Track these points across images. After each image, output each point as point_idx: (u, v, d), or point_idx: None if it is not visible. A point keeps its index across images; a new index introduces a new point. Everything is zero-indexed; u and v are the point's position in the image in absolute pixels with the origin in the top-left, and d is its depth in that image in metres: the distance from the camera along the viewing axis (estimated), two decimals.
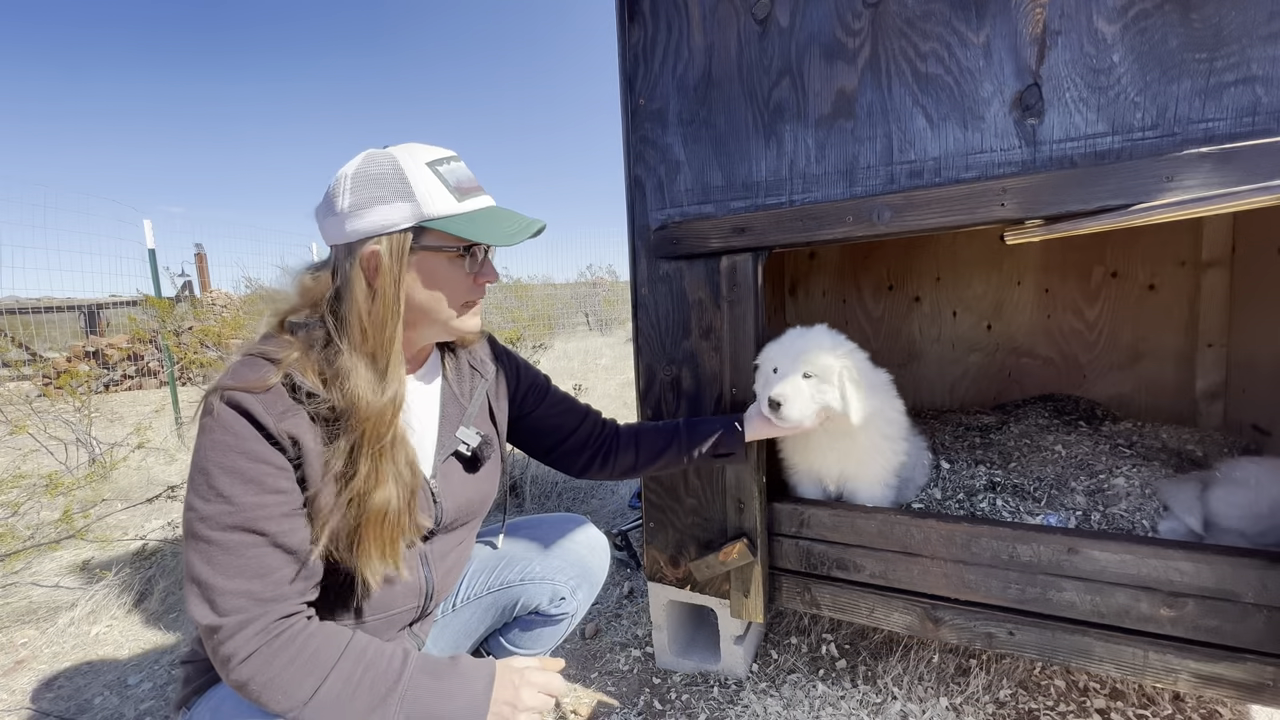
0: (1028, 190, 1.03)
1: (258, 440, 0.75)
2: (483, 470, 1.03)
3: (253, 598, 0.72)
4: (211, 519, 0.72)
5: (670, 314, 1.41)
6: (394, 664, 0.77)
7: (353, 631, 0.79)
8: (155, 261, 5.19)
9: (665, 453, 1.20)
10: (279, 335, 0.83)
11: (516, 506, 2.73)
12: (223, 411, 0.75)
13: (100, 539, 2.38)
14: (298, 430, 0.78)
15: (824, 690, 1.45)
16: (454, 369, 1.05)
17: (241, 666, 0.70)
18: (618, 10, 1.38)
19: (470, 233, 0.84)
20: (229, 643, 0.70)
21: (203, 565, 0.71)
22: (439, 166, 0.86)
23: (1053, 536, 1.11)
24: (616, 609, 1.90)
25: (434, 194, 0.84)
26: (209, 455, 0.74)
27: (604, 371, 6.61)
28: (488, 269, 0.92)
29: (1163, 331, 2.05)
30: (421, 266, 0.86)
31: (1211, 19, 0.93)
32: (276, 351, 0.80)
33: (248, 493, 0.73)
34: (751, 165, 1.29)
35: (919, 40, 1.11)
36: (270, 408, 0.76)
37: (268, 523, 0.74)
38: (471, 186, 0.89)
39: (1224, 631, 1.00)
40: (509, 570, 1.14)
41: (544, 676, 0.84)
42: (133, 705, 1.58)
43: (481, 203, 0.89)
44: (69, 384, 3.48)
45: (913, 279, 2.45)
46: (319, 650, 0.74)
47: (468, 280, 0.90)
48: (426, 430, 0.98)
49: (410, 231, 0.83)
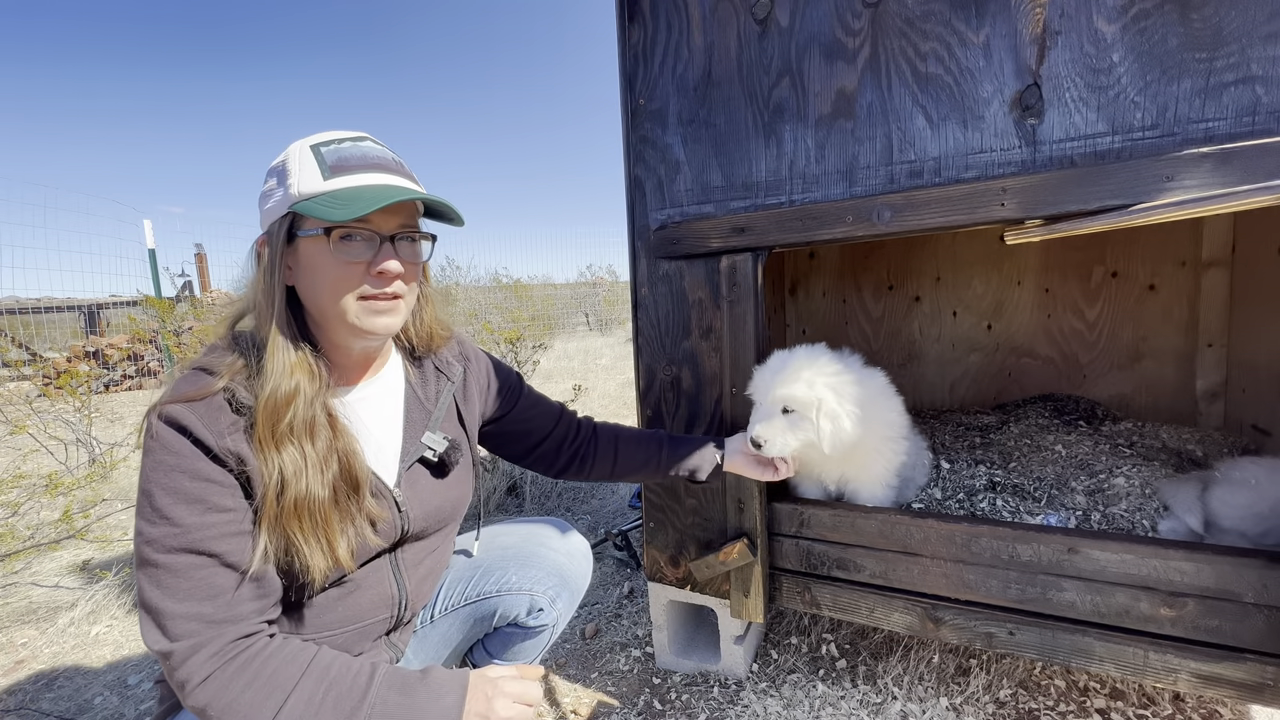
0: (1028, 190, 1.03)
1: (199, 458, 0.72)
2: (452, 476, 0.99)
3: (204, 620, 0.70)
4: (157, 541, 0.70)
5: (670, 314, 1.41)
6: (359, 681, 0.74)
7: (317, 648, 0.76)
8: (155, 261, 5.20)
9: (644, 467, 1.21)
10: (223, 345, 0.81)
11: (517, 507, 2.73)
12: (162, 431, 0.72)
13: (100, 539, 2.38)
14: (241, 447, 0.75)
15: (824, 690, 1.45)
16: (417, 373, 1.01)
17: (197, 691, 0.68)
18: (618, 10, 1.38)
19: (324, 211, 0.75)
20: (182, 668, 0.68)
21: (152, 589, 0.69)
22: (324, 147, 0.80)
23: (1053, 536, 1.11)
24: (616, 609, 1.90)
25: (304, 176, 0.78)
26: (150, 476, 0.71)
27: (604, 371, 6.61)
28: (384, 257, 0.80)
29: (1163, 331, 2.05)
30: (303, 256, 0.80)
31: (1211, 19, 0.93)
32: (216, 363, 0.78)
33: (192, 513, 0.71)
34: (751, 165, 1.29)
35: (919, 40, 1.11)
36: (210, 425, 0.73)
37: (215, 543, 0.72)
38: (354, 164, 0.80)
39: (1224, 631, 1.00)
40: (486, 580, 1.11)
41: (519, 686, 0.81)
42: (133, 705, 1.58)
43: (358, 180, 0.79)
44: (69, 384, 3.48)
45: (913, 279, 2.45)
46: (278, 671, 0.71)
47: (352, 269, 0.79)
48: (388, 437, 0.94)
49: (288, 218, 0.79)
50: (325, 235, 0.78)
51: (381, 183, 0.81)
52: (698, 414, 1.41)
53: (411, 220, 0.86)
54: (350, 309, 0.80)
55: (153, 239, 5.21)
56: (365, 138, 0.85)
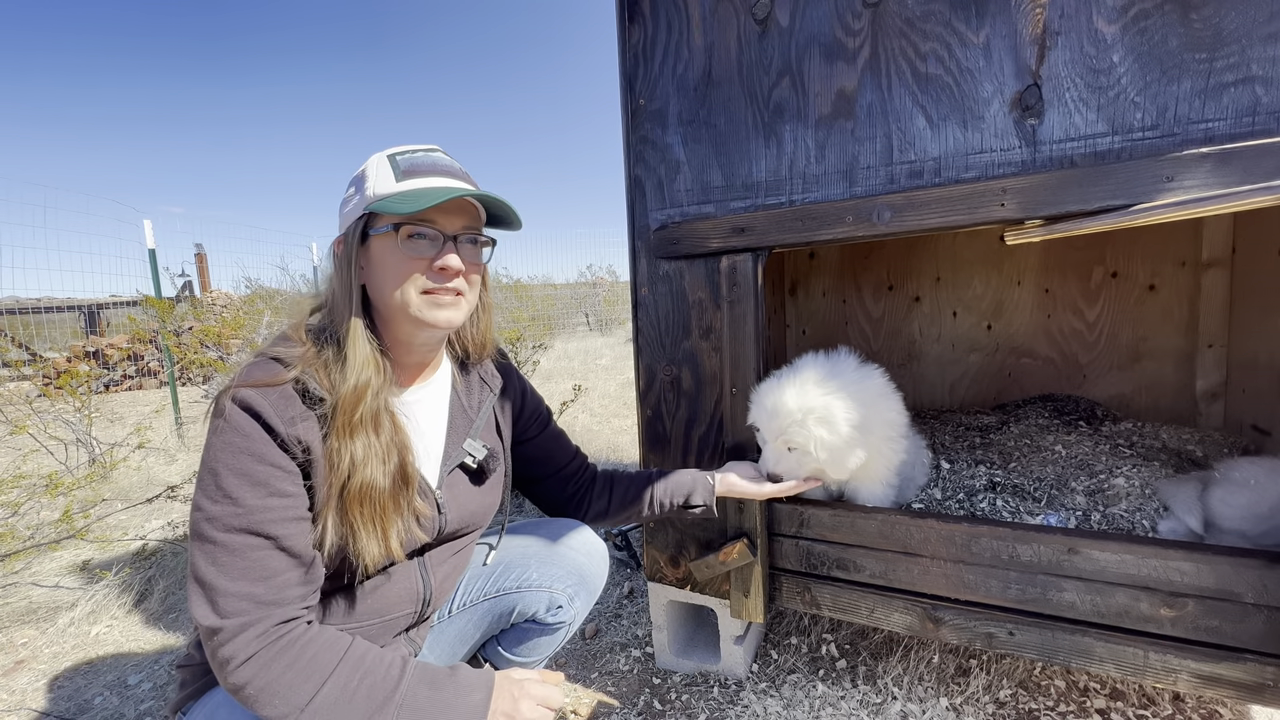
0: (1028, 190, 1.03)
1: (267, 443, 0.75)
2: (488, 483, 1.04)
3: (255, 600, 0.72)
4: (218, 520, 0.72)
5: (670, 314, 1.41)
6: (392, 672, 0.76)
7: (352, 638, 0.79)
8: (155, 261, 5.20)
9: (636, 503, 1.22)
10: (294, 337, 0.84)
11: (517, 508, 2.73)
12: (234, 413, 0.75)
13: (100, 539, 2.38)
14: (308, 436, 0.78)
15: (824, 690, 1.45)
16: (463, 382, 1.05)
17: (240, 670, 0.70)
18: (618, 10, 1.38)
19: (394, 207, 0.82)
20: (229, 645, 0.70)
21: (207, 566, 0.72)
22: (399, 155, 0.87)
23: (1053, 536, 1.11)
24: (616, 609, 1.90)
25: (380, 179, 0.85)
26: (218, 456, 0.74)
27: (604, 371, 6.61)
28: (445, 253, 0.86)
29: (1163, 332, 2.05)
30: (374, 253, 0.86)
31: (1211, 19, 0.93)
32: (288, 353, 0.81)
33: (255, 495, 0.73)
34: (751, 165, 1.29)
35: (919, 40, 1.11)
36: (281, 412, 0.76)
37: (274, 526, 0.74)
38: (425, 169, 0.86)
39: (1224, 631, 1.00)
40: (505, 577, 1.13)
41: (543, 689, 0.83)
42: (133, 705, 1.58)
43: (427, 183, 0.85)
44: (69, 384, 3.48)
45: (913, 279, 2.45)
46: (317, 656, 0.73)
47: (415, 263, 0.85)
48: (433, 441, 0.98)
49: (363, 219, 0.85)
50: (395, 231, 0.84)
51: (447, 185, 0.87)
52: (698, 414, 1.41)
53: (475, 223, 0.92)
54: (413, 301, 0.85)
55: (153, 239, 5.21)
56: (436, 149, 0.91)
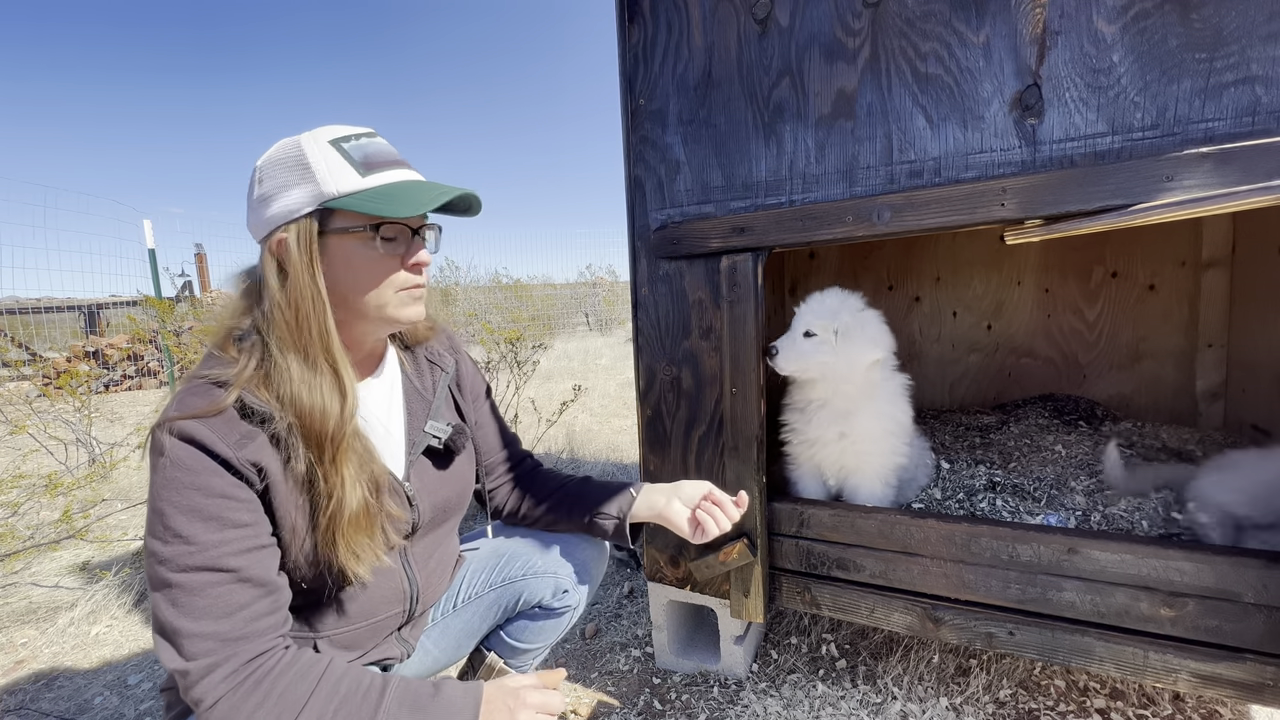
0: (1028, 190, 1.03)
1: (216, 473, 0.71)
2: (456, 464, 1.00)
3: (220, 639, 0.69)
4: (171, 561, 0.68)
5: (670, 314, 1.41)
6: (370, 698, 0.73)
7: (329, 661, 0.75)
8: (155, 262, 5.20)
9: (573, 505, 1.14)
10: (224, 353, 0.78)
11: None
12: (174, 447, 0.70)
13: (100, 539, 2.38)
14: (260, 456, 0.74)
15: (824, 690, 1.45)
16: (412, 364, 1.01)
17: (209, 713, 0.68)
18: (617, 10, 1.38)
19: (374, 208, 0.77)
20: (197, 687, 0.68)
21: (167, 609, 0.68)
22: (344, 143, 0.80)
23: (1053, 536, 1.11)
24: (616, 609, 1.90)
25: (335, 172, 0.78)
26: (162, 495, 0.70)
27: (604, 371, 6.61)
28: (416, 249, 0.84)
29: (1163, 331, 2.05)
30: (336, 252, 0.80)
31: (1211, 19, 0.93)
32: (223, 373, 0.75)
33: (208, 530, 0.70)
34: (751, 165, 1.29)
35: (919, 40, 1.11)
36: (225, 436, 0.72)
37: (232, 559, 0.71)
38: (383, 161, 0.82)
39: (1224, 631, 1.00)
40: (510, 566, 1.13)
41: (541, 696, 0.79)
42: (133, 705, 1.58)
43: (392, 176, 0.81)
44: (69, 384, 3.48)
45: (913, 279, 2.45)
46: (288, 690, 0.70)
47: (391, 262, 0.82)
48: (393, 430, 0.95)
49: (316, 215, 0.78)
50: (369, 231, 0.80)
51: (412, 179, 0.84)
52: (698, 414, 1.41)
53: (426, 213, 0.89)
54: (390, 301, 0.83)
55: (153, 239, 5.21)
56: (374, 133, 0.86)
